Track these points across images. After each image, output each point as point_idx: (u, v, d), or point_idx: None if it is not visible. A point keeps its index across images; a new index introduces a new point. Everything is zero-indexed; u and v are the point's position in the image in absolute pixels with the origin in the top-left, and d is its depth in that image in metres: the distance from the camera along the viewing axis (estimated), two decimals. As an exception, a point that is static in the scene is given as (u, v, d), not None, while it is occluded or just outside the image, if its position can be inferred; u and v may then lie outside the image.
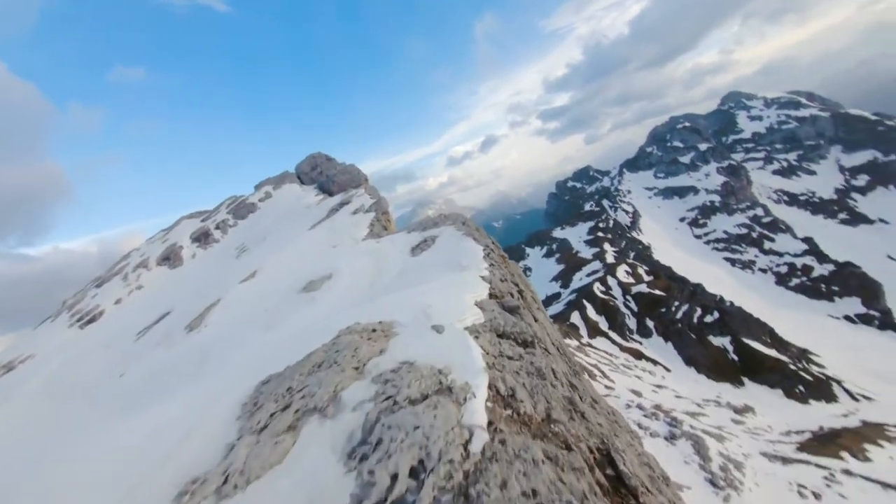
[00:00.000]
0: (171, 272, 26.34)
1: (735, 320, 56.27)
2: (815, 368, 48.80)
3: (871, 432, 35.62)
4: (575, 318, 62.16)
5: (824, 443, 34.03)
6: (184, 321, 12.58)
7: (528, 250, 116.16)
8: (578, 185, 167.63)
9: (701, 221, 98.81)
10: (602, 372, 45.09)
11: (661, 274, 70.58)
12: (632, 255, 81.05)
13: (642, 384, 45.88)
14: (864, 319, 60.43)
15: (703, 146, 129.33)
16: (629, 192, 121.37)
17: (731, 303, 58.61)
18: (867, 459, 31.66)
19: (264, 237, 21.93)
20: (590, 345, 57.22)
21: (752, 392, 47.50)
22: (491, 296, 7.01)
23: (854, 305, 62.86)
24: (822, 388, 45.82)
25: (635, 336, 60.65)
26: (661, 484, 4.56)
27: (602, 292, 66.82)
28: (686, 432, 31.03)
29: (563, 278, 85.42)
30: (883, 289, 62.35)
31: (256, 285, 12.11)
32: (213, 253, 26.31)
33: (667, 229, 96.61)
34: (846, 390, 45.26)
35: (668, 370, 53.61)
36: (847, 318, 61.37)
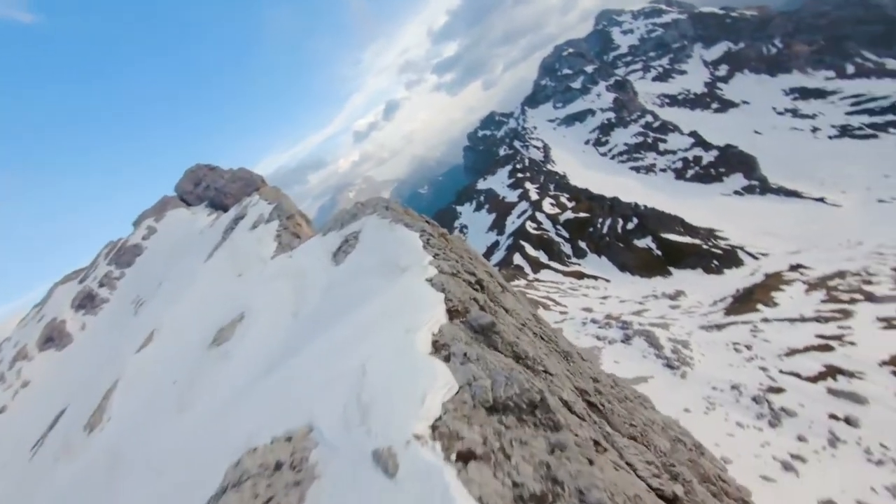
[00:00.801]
0: (59, 355, 21.76)
1: (651, 221, 62.21)
2: (721, 243, 56.20)
3: (773, 281, 42.19)
4: (517, 259, 64.58)
5: (743, 302, 39.68)
6: (82, 418, 10.10)
7: (458, 209, 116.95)
8: (488, 132, 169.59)
9: (603, 140, 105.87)
10: (553, 300, 47.75)
11: (582, 197, 75.15)
12: (552, 187, 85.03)
13: (590, 300, 49.54)
14: (747, 190, 70.50)
15: (589, 68, 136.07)
16: (535, 128, 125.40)
17: (645, 206, 64.46)
18: (776, 304, 37.56)
19: (160, 282, 18.55)
20: (536, 279, 60.19)
21: (679, 278, 53.71)
22: (451, 314, 5.01)
23: (738, 180, 72.84)
24: (730, 258, 53.08)
25: (573, 259, 64.87)
26: (697, 455, 3.94)
27: (534, 229, 69.76)
28: (637, 330, 34.15)
29: (498, 226, 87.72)
30: (756, 161, 72.66)
31: (158, 350, 9.91)
32: (106, 316, 22.02)
33: (575, 154, 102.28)
34: (748, 253, 52.91)
35: (607, 281, 58.43)
36: (736, 192, 71.15)
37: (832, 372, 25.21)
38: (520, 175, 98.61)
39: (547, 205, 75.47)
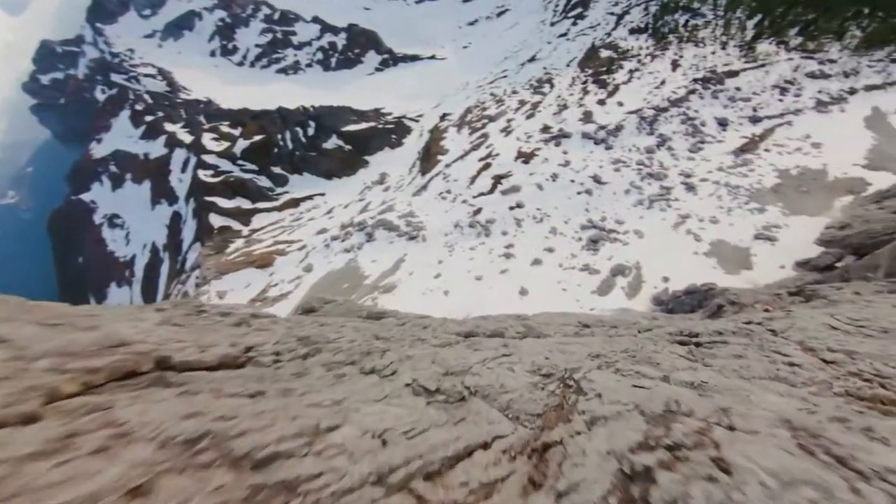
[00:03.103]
0: None
1: (326, 119, 60.94)
2: (389, 117, 62.04)
3: (436, 134, 50.38)
4: (216, 221, 52.21)
5: (426, 159, 46.06)
6: None
7: (89, 199, 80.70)
8: (58, 75, 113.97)
9: (229, 46, 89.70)
10: (287, 241, 42.62)
11: (244, 118, 64.38)
12: (202, 119, 68.53)
13: (319, 221, 46.88)
14: (383, 64, 78.26)
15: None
16: (132, 50, 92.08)
17: (313, 106, 61.77)
18: (447, 151, 45.24)
19: None
20: (253, 231, 51.49)
21: (376, 162, 57.39)
22: None
23: (373, 57, 79.16)
24: (401, 128, 59.92)
25: (278, 190, 58.14)
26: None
27: (212, 176, 56.48)
28: (373, 225, 34.70)
29: (162, 193, 66.69)
30: (378, 35, 79.66)
31: None
32: None
33: (207, 71, 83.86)
34: (410, 119, 60.98)
35: (323, 195, 56.43)
36: (376, 69, 77.75)
37: (497, 179, 33.02)
38: (147, 118, 73.88)
39: (208, 141, 60.87)
